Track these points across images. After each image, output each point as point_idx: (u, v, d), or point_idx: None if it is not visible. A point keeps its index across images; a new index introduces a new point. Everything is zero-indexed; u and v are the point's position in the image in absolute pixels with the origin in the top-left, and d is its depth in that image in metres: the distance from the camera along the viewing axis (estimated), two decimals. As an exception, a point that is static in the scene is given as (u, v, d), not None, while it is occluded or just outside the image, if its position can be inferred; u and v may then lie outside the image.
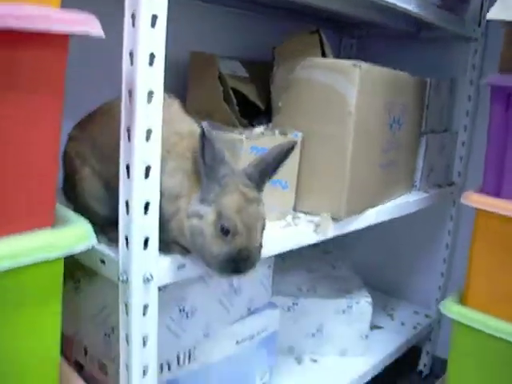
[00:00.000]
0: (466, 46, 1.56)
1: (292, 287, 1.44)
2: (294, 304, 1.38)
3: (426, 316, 1.72)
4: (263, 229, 0.82)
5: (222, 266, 0.79)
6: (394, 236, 1.83)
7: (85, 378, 0.85)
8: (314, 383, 1.32)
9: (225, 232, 0.77)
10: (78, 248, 0.71)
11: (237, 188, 0.80)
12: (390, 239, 1.85)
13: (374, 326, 1.60)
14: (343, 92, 1.05)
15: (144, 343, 0.81)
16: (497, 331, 1.11)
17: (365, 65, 1.06)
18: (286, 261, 1.62)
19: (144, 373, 0.82)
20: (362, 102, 1.07)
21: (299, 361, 1.40)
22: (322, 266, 1.62)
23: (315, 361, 1.41)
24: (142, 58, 0.72)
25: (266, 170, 0.84)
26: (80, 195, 0.89)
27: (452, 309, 1.18)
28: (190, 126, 0.87)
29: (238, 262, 0.78)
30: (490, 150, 1.13)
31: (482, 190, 1.15)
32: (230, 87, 1.21)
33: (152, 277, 0.78)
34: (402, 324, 1.66)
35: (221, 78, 1.20)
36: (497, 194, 1.12)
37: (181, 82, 1.28)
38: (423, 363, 1.76)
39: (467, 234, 1.22)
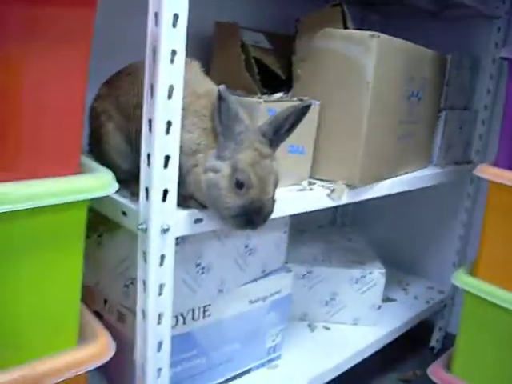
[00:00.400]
0: (490, 24, 1.57)
1: (308, 256, 1.48)
2: (308, 272, 1.42)
3: (440, 292, 1.74)
4: (276, 183, 0.86)
5: (235, 219, 0.83)
6: (411, 213, 1.86)
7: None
8: (326, 350, 1.35)
9: (239, 185, 0.81)
10: (100, 193, 0.76)
11: (251, 144, 0.84)
12: (407, 217, 1.88)
13: (387, 299, 1.63)
14: (361, 62, 1.08)
15: (160, 291, 0.85)
16: (506, 302, 1.13)
17: (383, 36, 1.08)
18: (304, 234, 1.66)
19: (159, 320, 0.87)
20: (380, 72, 1.09)
21: (312, 328, 1.44)
22: (338, 239, 1.66)
23: (328, 328, 1.45)
24: (166, 19, 0.75)
25: (279, 128, 0.88)
26: (104, 149, 0.94)
27: (463, 279, 1.21)
28: (207, 87, 0.91)
29: (252, 214, 0.82)
30: (506, 124, 1.15)
31: (496, 164, 1.17)
32: (252, 57, 1.24)
33: (169, 227, 0.82)
34: (415, 298, 1.69)
35: (243, 47, 1.23)
36: (510, 167, 1.13)
37: (205, 53, 1.31)
38: (435, 339, 1.79)
39: (484, 212, 1.24)
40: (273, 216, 0.96)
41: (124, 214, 0.88)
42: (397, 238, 1.91)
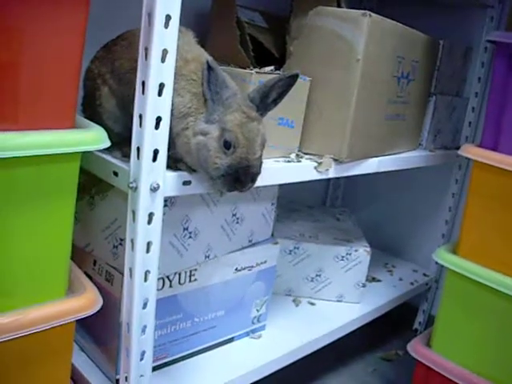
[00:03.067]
0: (482, 13, 1.60)
1: (295, 233, 1.52)
2: (295, 248, 1.45)
3: (425, 275, 1.78)
4: (263, 145, 0.89)
5: (224, 178, 0.86)
6: (400, 197, 1.90)
7: (92, 288, 0.93)
8: (309, 324, 1.38)
9: (227, 145, 0.85)
10: (92, 146, 0.80)
11: (239, 108, 0.87)
12: (396, 200, 1.92)
13: (372, 279, 1.67)
14: (352, 40, 1.11)
15: (147, 249, 0.88)
16: (485, 279, 1.17)
17: (375, 15, 1.11)
18: (293, 213, 1.69)
19: (145, 278, 0.90)
20: (370, 51, 1.12)
21: (297, 303, 1.47)
22: (327, 219, 1.69)
23: (312, 304, 1.48)
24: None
25: (266, 96, 0.91)
26: (97, 112, 0.97)
27: (444, 257, 1.24)
28: (196, 53, 0.93)
29: (239, 173, 0.85)
30: (490, 106, 1.18)
31: (481, 145, 1.20)
32: (247, 33, 1.26)
33: (159, 186, 0.85)
34: (400, 279, 1.73)
35: (239, 23, 1.26)
36: (494, 148, 1.17)
37: (202, 28, 1.34)
38: (419, 321, 1.83)
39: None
40: (260, 184, 1.00)
41: (115, 174, 0.91)
42: (385, 220, 1.95)
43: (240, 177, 0.85)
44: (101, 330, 1.07)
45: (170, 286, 1.06)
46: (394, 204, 1.93)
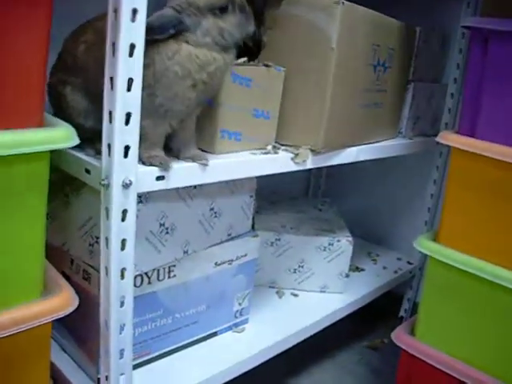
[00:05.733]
0: (459, -1, 1.59)
1: (277, 225, 1.51)
2: (276, 239, 1.45)
3: (409, 263, 1.78)
4: None
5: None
6: (382, 186, 1.90)
7: (70, 287, 0.92)
8: (293, 315, 1.38)
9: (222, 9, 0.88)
10: (60, 145, 0.78)
11: None
12: (379, 190, 1.92)
13: (355, 268, 1.67)
14: (325, 28, 1.10)
15: (122, 247, 0.87)
16: (466, 266, 1.17)
17: (347, 3, 1.10)
18: (275, 204, 1.69)
19: (122, 275, 0.89)
20: (344, 39, 1.11)
21: (280, 295, 1.47)
22: (309, 210, 1.68)
23: (296, 295, 1.48)
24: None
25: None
26: (67, 113, 0.95)
27: (425, 244, 1.23)
28: None
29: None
30: (467, 92, 1.17)
31: (458, 131, 1.19)
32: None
33: (131, 182, 0.84)
34: (384, 268, 1.73)
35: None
36: (472, 134, 1.16)
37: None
38: (404, 309, 1.83)
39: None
40: (237, 177, 1.03)
41: (87, 171, 0.90)
42: (368, 209, 1.95)
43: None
44: (81, 330, 1.06)
45: (149, 283, 1.05)
46: (377, 193, 1.93)
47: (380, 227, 1.92)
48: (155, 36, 0.84)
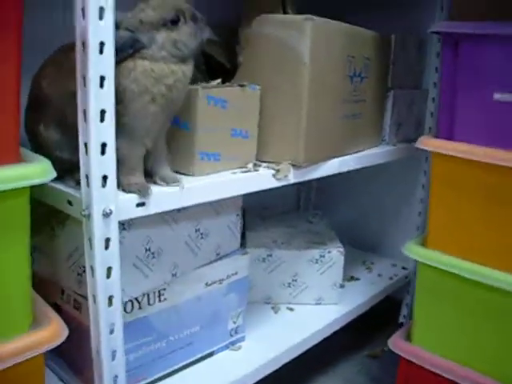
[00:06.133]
0: (433, 3, 1.60)
1: (268, 241, 1.52)
2: (268, 255, 1.46)
3: (404, 268, 1.79)
4: None
5: None
6: (372, 195, 1.92)
7: (62, 318, 0.93)
8: (289, 330, 1.38)
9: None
10: (38, 180, 0.80)
11: None
12: (369, 198, 1.93)
13: (350, 278, 1.68)
14: (297, 45, 1.11)
15: (108, 275, 0.88)
16: (454, 268, 1.17)
17: (318, 19, 1.11)
18: (265, 220, 1.70)
19: (109, 303, 0.90)
20: (317, 53, 1.13)
21: (276, 310, 1.47)
22: (299, 223, 1.69)
23: (291, 309, 1.48)
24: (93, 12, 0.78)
25: None
26: (44, 147, 0.97)
27: (413, 250, 1.25)
28: None
29: None
30: (443, 97, 1.19)
31: (437, 135, 1.21)
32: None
33: (111, 211, 0.85)
34: (379, 275, 1.73)
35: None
36: (450, 137, 1.18)
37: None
38: (403, 315, 1.83)
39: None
40: (218, 198, 1.04)
41: (69, 203, 0.91)
42: (360, 219, 1.95)
43: None
44: (77, 359, 1.07)
45: (140, 308, 1.06)
46: (368, 201, 1.94)
47: (373, 235, 1.93)
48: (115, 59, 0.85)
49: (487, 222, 1.15)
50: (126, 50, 0.87)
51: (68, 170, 0.93)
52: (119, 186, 0.90)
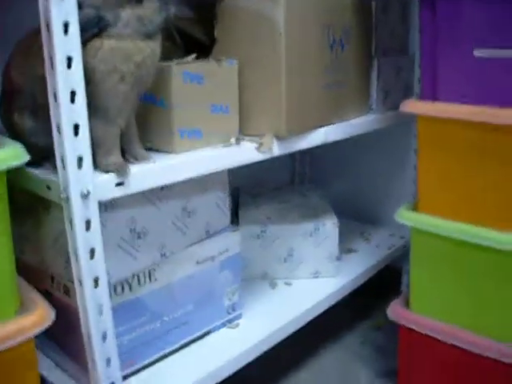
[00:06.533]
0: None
1: (261, 217, 1.51)
2: (262, 231, 1.45)
3: (401, 237, 1.78)
4: None
5: None
6: (366, 165, 1.91)
7: (53, 304, 0.93)
8: (287, 304, 1.38)
9: None
10: (11, 164, 0.80)
11: None
12: (363, 169, 1.93)
13: (348, 250, 1.67)
14: (272, 15, 1.10)
15: (91, 256, 0.88)
16: (446, 231, 1.16)
17: (292, -13, 1.10)
18: (259, 196, 1.69)
19: (95, 284, 0.90)
20: (293, 23, 1.11)
21: (273, 285, 1.47)
22: (293, 198, 1.69)
23: (289, 284, 1.48)
24: None
25: None
26: (18, 133, 0.96)
27: (404, 215, 1.23)
28: None
29: None
30: (423, 58, 1.17)
31: (420, 97, 1.19)
32: (174, 26, 1.25)
33: (89, 192, 0.85)
34: (377, 246, 1.73)
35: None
36: (433, 99, 1.16)
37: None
38: (405, 284, 1.82)
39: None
40: (198, 174, 1.03)
41: (48, 187, 0.91)
42: (355, 190, 1.95)
43: None
44: (71, 344, 1.06)
45: (130, 290, 1.06)
46: (363, 172, 1.93)
47: (370, 206, 1.92)
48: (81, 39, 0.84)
49: (476, 181, 1.13)
50: (92, 29, 0.86)
51: (46, 156, 0.93)
52: (97, 167, 0.90)
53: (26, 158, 0.82)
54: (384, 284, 1.73)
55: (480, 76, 1.09)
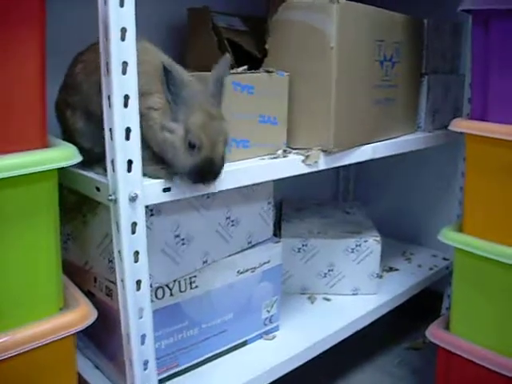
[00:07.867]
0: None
1: (303, 231, 1.51)
2: (303, 245, 1.45)
3: (444, 259, 1.75)
4: (226, 142, 0.92)
5: (190, 175, 0.90)
6: (411, 185, 1.89)
7: (95, 305, 0.95)
8: (324, 319, 1.37)
9: (191, 146, 0.87)
10: (64, 163, 0.83)
11: (201, 107, 0.89)
12: (408, 188, 1.90)
13: (389, 269, 1.65)
14: (323, 28, 1.10)
15: (135, 259, 0.89)
16: (492, 254, 1.13)
17: (344, 1, 1.10)
18: (302, 210, 1.69)
19: (137, 287, 0.91)
20: (344, 37, 1.12)
21: (312, 300, 1.46)
22: (336, 214, 1.68)
23: (328, 299, 1.47)
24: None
25: (221, 87, 0.94)
26: (74, 136, 0.99)
27: (449, 235, 1.21)
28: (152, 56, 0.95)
29: (203, 172, 0.89)
30: (475, 77, 1.16)
31: (470, 117, 1.18)
32: (225, 38, 1.27)
33: (137, 195, 0.86)
34: (419, 266, 1.70)
35: (215, 29, 1.27)
36: (483, 118, 1.14)
37: (182, 41, 1.36)
38: (445, 307, 1.79)
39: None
40: (244, 184, 1.04)
41: (97, 189, 0.93)
42: (399, 210, 1.93)
43: (204, 174, 0.89)
44: (110, 345, 1.08)
45: (171, 295, 1.07)
46: (407, 191, 1.91)
47: (413, 225, 1.90)
48: None
49: (525, 204, 1.11)
50: None
51: (97, 160, 0.95)
52: (145, 174, 0.91)
53: (78, 159, 0.85)
54: (423, 307, 1.70)
55: (533, 97, 1.08)
